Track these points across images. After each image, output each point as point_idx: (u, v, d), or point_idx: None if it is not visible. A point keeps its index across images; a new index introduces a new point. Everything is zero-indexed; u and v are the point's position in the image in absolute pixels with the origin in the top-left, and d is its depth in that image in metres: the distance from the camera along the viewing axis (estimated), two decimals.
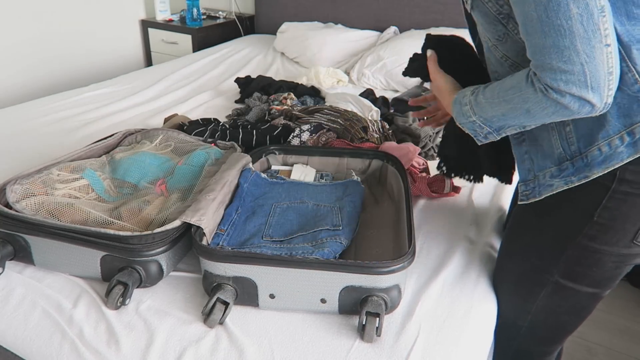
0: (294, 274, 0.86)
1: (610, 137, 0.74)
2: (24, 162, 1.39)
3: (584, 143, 0.78)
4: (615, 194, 0.77)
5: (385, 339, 0.85)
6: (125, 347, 0.84)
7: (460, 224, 1.19)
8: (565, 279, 0.87)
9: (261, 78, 2.05)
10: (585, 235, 0.81)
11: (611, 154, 0.75)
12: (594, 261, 0.83)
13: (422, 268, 1.03)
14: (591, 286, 0.87)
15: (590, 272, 0.85)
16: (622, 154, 0.74)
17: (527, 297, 0.94)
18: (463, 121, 0.86)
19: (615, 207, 0.77)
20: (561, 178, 0.81)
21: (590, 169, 0.77)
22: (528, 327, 0.97)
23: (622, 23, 0.70)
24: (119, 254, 0.91)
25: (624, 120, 0.73)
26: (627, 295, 1.94)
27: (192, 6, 2.89)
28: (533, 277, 0.91)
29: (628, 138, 0.73)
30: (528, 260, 0.91)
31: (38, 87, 2.59)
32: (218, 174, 1.10)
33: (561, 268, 0.87)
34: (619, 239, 0.80)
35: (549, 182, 0.83)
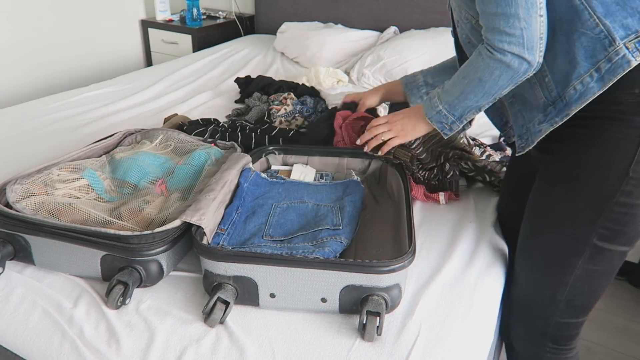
0: (294, 273, 0.86)
1: (581, 76, 0.84)
2: (24, 162, 1.39)
3: (561, 87, 0.87)
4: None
5: (385, 338, 0.85)
6: (125, 347, 0.84)
7: (461, 223, 1.19)
8: (603, 240, 0.89)
9: (261, 78, 2.05)
10: (623, 193, 0.85)
11: (584, 90, 0.84)
12: (630, 217, 0.86)
13: (422, 267, 1.03)
14: (625, 244, 0.90)
15: (626, 229, 0.88)
16: (593, 88, 0.83)
17: (565, 269, 0.94)
18: (431, 114, 1.03)
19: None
20: (547, 122, 0.90)
21: (569, 106, 0.87)
22: (566, 300, 0.97)
23: None
24: (119, 254, 0.91)
25: (590, 60, 0.83)
26: (626, 295, 1.94)
27: (192, 6, 2.89)
28: (570, 247, 0.92)
29: (596, 74, 0.83)
30: (562, 232, 0.92)
31: (38, 87, 2.58)
32: (218, 173, 1.10)
33: (599, 231, 0.88)
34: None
35: (537, 128, 0.92)
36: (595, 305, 0.99)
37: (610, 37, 0.82)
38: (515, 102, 0.99)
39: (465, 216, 1.22)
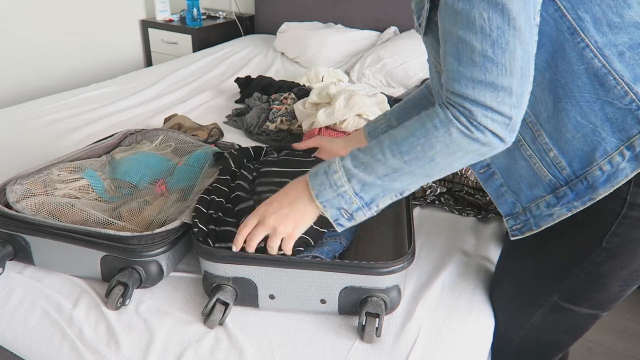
0: (293, 274, 0.86)
1: (609, 154, 0.71)
2: (24, 162, 1.39)
3: (580, 165, 0.73)
4: (625, 219, 0.73)
5: (385, 339, 0.85)
6: (125, 348, 0.84)
7: (460, 225, 1.19)
8: (565, 301, 0.84)
9: (261, 78, 2.05)
10: (592, 262, 0.78)
11: (614, 171, 0.71)
12: (599, 285, 0.80)
13: (421, 269, 1.03)
14: (592, 308, 0.84)
15: (593, 295, 0.82)
16: (625, 169, 0.70)
17: (521, 315, 0.91)
18: (328, 196, 0.74)
19: (626, 233, 0.74)
20: (562, 205, 0.76)
21: (594, 190, 0.72)
22: (519, 342, 0.94)
23: (604, 33, 0.68)
24: (119, 254, 0.91)
25: (619, 135, 0.70)
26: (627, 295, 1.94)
27: (192, 6, 2.89)
28: (530, 297, 0.88)
29: (628, 153, 0.70)
30: (525, 282, 0.88)
31: (38, 87, 2.58)
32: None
33: (562, 291, 0.83)
34: (628, 263, 0.77)
35: (546, 211, 0.78)
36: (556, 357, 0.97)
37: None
38: (494, 175, 0.83)
39: (465, 219, 1.22)
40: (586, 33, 0.67)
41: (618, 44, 0.68)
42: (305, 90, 1.89)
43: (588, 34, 0.67)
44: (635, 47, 0.68)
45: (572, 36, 0.68)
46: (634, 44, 0.68)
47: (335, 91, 1.63)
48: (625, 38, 0.68)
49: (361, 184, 0.73)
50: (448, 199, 1.26)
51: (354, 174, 0.73)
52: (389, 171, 0.72)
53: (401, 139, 0.71)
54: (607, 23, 0.67)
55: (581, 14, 0.67)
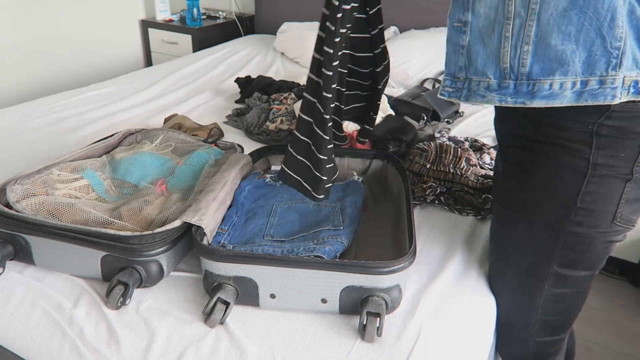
0: (294, 273, 0.86)
1: (566, 77, 0.72)
2: (24, 162, 1.39)
3: (538, 71, 0.73)
4: (592, 177, 0.79)
5: (386, 339, 0.85)
6: (125, 347, 0.84)
7: (461, 224, 1.19)
8: (564, 267, 0.89)
9: (261, 78, 2.05)
10: (573, 222, 0.83)
11: (557, 93, 0.72)
12: (586, 246, 0.86)
13: (422, 268, 1.03)
14: (587, 269, 0.90)
15: (584, 256, 0.87)
16: (565, 97, 0.72)
17: (533, 294, 0.94)
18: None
19: (595, 191, 0.80)
20: (497, 93, 0.76)
21: (531, 98, 0.74)
22: (541, 321, 0.97)
23: None
24: (120, 254, 0.91)
25: (587, 68, 0.71)
26: (627, 295, 1.94)
27: (192, 6, 2.89)
28: (534, 273, 0.92)
29: (580, 86, 0.71)
30: (525, 259, 0.92)
31: (38, 87, 2.58)
32: (218, 174, 1.10)
33: (558, 258, 0.88)
34: (602, 221, 0.83)
35: (482, 92, 0.78)
36: (572, 322, 1.01)
37: (620, 59, 0.70)
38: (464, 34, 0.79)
39: (466, 218, 1.22)
40: None
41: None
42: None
43: None
44: None
45: None
46: None
47: None
48: None
49: None
50: (448, 198, 1.26)
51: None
52: None
53: None
54: None
55: None
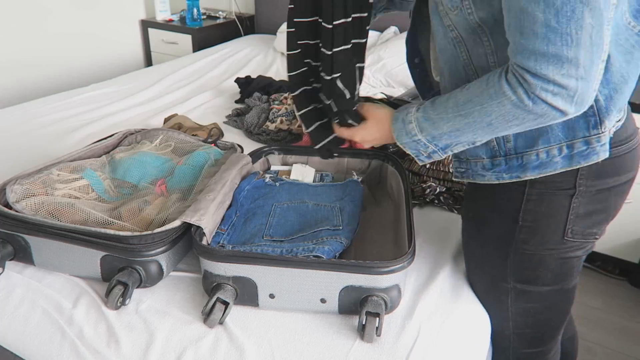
0: (293, 273, 0.86)
1: (550, 145, 0.74)
2: (24, 162, 1.39)
3: (523, 144, 0.76)
4: (530, 196, 0.78)
5: (385, 338, 0.85)
6: (125, 347, 0.84)
7: (460, 224, 1.19)
8: (521, 283, 0.88)
9: (261, 78, 2.05)
10: (518, 240, 0.83)
11: (547, 161, 0.74)
12: (536, 263, 0.84)
13: (421, 268, 1.03)
14: (548, 284, 0.87)
15: (538, 273, 0.86)
16: (556, 164, 0.74)
17: (499, 306, 0.94)
18: (406, 140, 0.81)
19: (535, 208, 0.79)
20: (493, 172, 0.80)
21: (523, 171, 0.77)
22: (515, 334, 0.96)
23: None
24: (119, 254, 0.91)
25: (567, 132, 0.72)
26: (626, 295, 1.94)
27: (192, 6, 2.89)
28: (496, 287, 0.92)
29: (566, 150, 0.73)
30: (487, 273, 0.93)
31: (38, 87, 2.58)
32: (218, 174, 1.10)
33: (512, 274, 0.87)
34: (549, 238, 0.81)
35: (481, 172, 0.83)
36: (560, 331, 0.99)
37: (598, 117, 0.70)
38: None
39: None
40: None
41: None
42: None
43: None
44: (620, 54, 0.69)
45: None
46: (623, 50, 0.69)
47: None
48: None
49: (432, 136, 0.78)
50: (447, 198, 1.26)
51: (424, 127, 0.78)
52: (453, 129, 0.75)
53: (462, 102, 0.72)
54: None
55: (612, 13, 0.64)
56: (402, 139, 0.82)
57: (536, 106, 0.64)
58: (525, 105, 0.64)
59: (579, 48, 0.59)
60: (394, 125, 0.83)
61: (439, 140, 0.78)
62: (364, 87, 2.19)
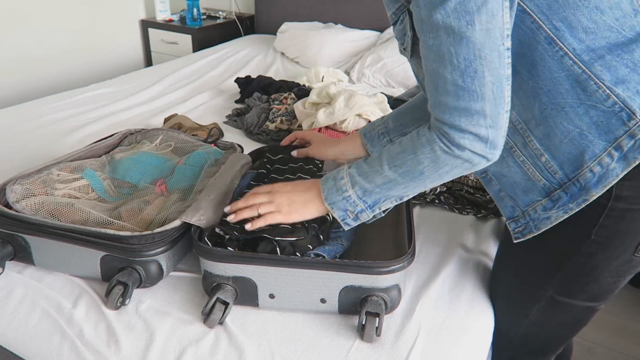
0: (293, 274, 0.86)
1: (598, 156, 0.72)
2: (24, 162, 1.39)
3: (571, 168, 0.75)
4: (612, 211, 0.75)
5: (385, 338, 0.85)
6: (125, 347, 0.84)
7: (460, 224, 1.19)
8: (561, 294, 0.85)
9: (261, 78, 2.05)
10: (583, 254, 0.79)
11: (604, 172, 0.72)
12: (592, 277, 0.82)
13: (422, 268, 1.03)
14: (588, 300, 0.85)
15: (587, 287, 0.83)
16: (615, 169, 0.72)
17: (519, 311, 0.92)
18: (335, 199, 0.83)
19: (613, 225, 0.76)
20: (557, 208, 0.78)
21: (587, 191, 0.74)
22: (520, 340, 0.95)
23: (581, 40, 0.69)
24: (119, 254, 0.91)
25: (606, 136, 0.71)
26: (627, 295, 1.94)
27: (192, 6, 2.89)
28: (526, 292, 0.89)
29: (617, 153, 0.71)
30: (521, 276, 0.90)
31: (38, 87, 2.59)
32: (218, 174, 1.10)
33: (556, 285, 0.85)
34: (619, 254, 0.78)
35: (543, 215, 0.80)
36: (557, 350, 0.97)
37: (628, 109, 0.70)
38: (492, 181, 0.87)
39: (465, 217, 1.22)
40: (563, 41, 0.70)
41: (596, 48, 0.69)
42: (305, 90, 1.89)
43: (565, 42, 0.69)
44: (614, 49, 0.70)
45: (550, 45, 0.70)
46: (612, 46, 0.70)
47: (335, 91, 1.63)
48: (602, 42, 0.69)
49: (363, 190, 0.82)
50: (448, 197, 1.26)
51: (356, 181, 0.82)
52: (386, 181, 0.80)
53: (395, 154, 0.78)
54: (582, 29, 0.69)
55: (556, 23, 0.69)
56: (332, 197, 0.84)
57: (462, 152, 0.71)
58: (453, 151, 0.72)
59: (485, 101, 0.67)
60: (323, 186, 0.85)
61: (370, 196, 0.82)
62: (364, 87, 2.20)
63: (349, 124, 1.49)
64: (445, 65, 0.67)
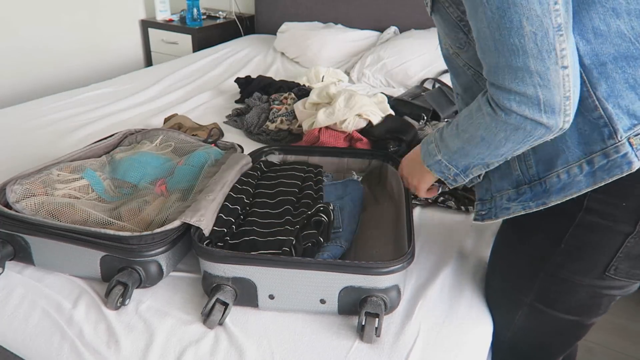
0: (293, 274, 0.86)
1: (569, 164, 0.71)
2: (24, 162, 1.39)
3: (543, 168, 0.74)
4: (582, 222, 0.74)
5: (384, 339, 0.85)
6: (125, 348, 0.84)
7: (460, 224, 1.19)
8: (540, 303, 0.85)
9: (261, 78, 2.05)
10: (554, 263, 0.79)
11: (569, 182, 0.71)
12: (565, 289, 0.81)
13: (421, 268, 1.03)
14: (569, 314, 0.84)
15: (563, 299, 0.83)
16: (580, 183, 0.70)
17: (506, 314, 0.93)
18: (429, 162, 0.84)
19: (583, 236, 0.75)
20: (519, 202, 0.78)
21: (548, 195, 0.74)
22: (508, 344, 0.96)
23: (589, 41, 0.66)
24: (119, 254, 0.91)
25: (584, 147, 0.69)
26: (627, 295, 1.94)
27: (192, 6, 2.89)
28: (511, 296, 0.90)
29: (587, 167, 0.69)
30: (509, 279, 0.91)
31: (38, 87, 2.58)
32: (218, 174, 1.10)
33: (535, 291, 0.85)
34: (589, 269, 0.77)
35: (505, 204, 0.80)
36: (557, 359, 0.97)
37: (611, 126, 0.66)
38: None
39: (465, 218, 1.22)
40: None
41: (601, 53, 0.66)
42: (305, 90, 1.89)
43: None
44: (619, 60, 0.66)
45: None
46: (619, 56, 0.66)
47: (335, 91, 1.63)
48: (610, 48, 0.66)
49: (448, 155, 0.80)
50: (449, 198, 1.26)
51: (440, 147, 0.81)
52: (459, 147, 0.77)
53: (461, 119, 0.75)
54: (592, 30, 0.65)
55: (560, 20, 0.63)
56: (427, 160, 0.85)
57: (508, 117, 0.65)
58: (498, 116, 0.66)
59: (527, 56, 0.60)
60: (422, 148, 0.87)
61: (457, 161, 0.79)
62: (364, 87, 2.20)
63: (349, 124, 1.49)
64: (480, 19, 0.62)
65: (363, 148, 1.39)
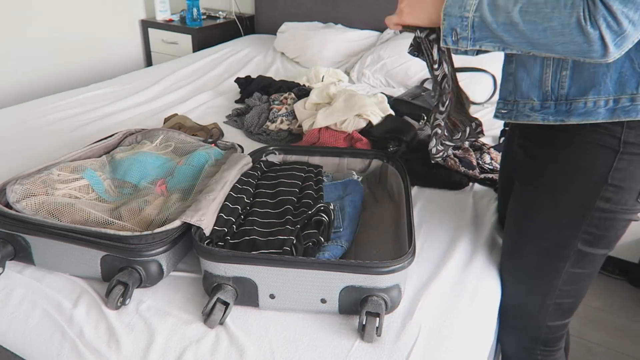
0: (294, 274, 0.86)
1: (599, 96, 0.78)
2: (24, 162, 1.39)
3: (575, 92, 0.81)
4: (623, 155, 0.81)
5: (385, 339, 0.85)
6: (125, 347, 0.84)
7: (460, 223, 1.19)
8: (586, 245, 0.90)
9: (261, 78, 2.05)
10: (602, 199, 0.85)
11: (592, 110, 0.79)
12: (610, 223, 0.87)
13: (422, 268, 1.03)
14: (605, 247, 0.91)
15: (607, 234, 0.88)
16: (599, 114, 0.79)
17: (552, 274, 0.95)
18: (453, 12, 0.78)
19: (625, 168, 0.82)
20: (540, 113, 0.85)
21: (568, 116, 0.82)
22: (555, 304, 0.98)
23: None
24: (119, 254, 0.91)
25: (618, 87, 0.77)
26: (626, 295, 1.94)
27: (192, 6, 2.89)
28: (556, 252, 0.93)
29: (612, 104, 0.78)
30: (547, 238, 0.93)
31: (38, 87, 2.58)
32: (218, 174, 1.10)
33: (582, 236, 0.89)
34: (628, 198, 0.84)
35: (527, 112, 0.87)
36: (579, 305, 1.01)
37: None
38: (512, 63, 0.90)
39: (465, 216, 1.22)
40: None
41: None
42: (305, 90, 1.89)
43: None
44: None
45: None
46: None
47: (335, 91, 1.63)
48: None
49: (481, 20, 0.76)
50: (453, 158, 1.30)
51: (481, 8, 0.75)
52: (507, 22, 0.73)
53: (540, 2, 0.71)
54: None
55: None
56: (451, 9, 0.78)
57: (593, 30, 0.67)
58: (585, 24, 0.67)
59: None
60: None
61: (482, 30, 0.76)
62: (364, 87, 2.20)
63: (349, 124, 1.49)
64: None
65: (363, 148, 1.39)
